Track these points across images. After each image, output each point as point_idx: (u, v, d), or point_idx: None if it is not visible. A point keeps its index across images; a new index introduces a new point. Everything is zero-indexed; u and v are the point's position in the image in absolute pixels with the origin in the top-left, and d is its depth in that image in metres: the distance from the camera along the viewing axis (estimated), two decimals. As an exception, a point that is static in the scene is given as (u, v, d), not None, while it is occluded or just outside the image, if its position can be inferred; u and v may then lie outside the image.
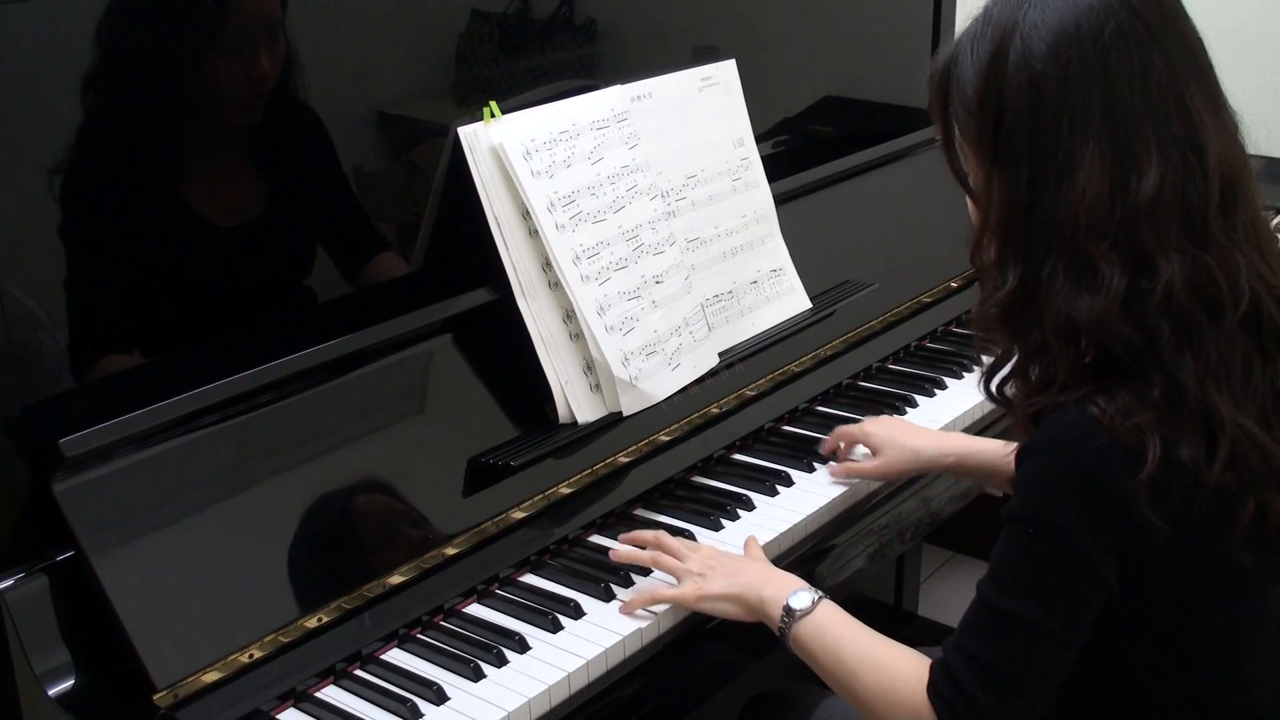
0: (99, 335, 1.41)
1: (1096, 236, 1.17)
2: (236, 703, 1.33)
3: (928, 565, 3.06)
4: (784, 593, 1.41)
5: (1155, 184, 1.16)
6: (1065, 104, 1.17)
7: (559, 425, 1.66)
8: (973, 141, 1.25)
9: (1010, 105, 1.20)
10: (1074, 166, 1.17)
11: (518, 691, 1.37)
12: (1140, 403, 1.16)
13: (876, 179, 2.30)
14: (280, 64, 1.51)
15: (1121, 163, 1.17)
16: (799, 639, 1.38)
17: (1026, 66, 1.18)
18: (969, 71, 1.23)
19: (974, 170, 1.27)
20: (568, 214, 1.68)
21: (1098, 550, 1.18)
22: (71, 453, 1.31)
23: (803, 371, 1.99)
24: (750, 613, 1.45)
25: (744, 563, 1.52)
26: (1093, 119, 1.17)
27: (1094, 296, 1.17)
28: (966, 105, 1.24)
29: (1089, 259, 1.17)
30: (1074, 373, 1.20)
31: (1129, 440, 1.15)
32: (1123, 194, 1.16)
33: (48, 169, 1.34)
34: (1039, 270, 1.20)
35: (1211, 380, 1.16)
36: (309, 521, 1.46)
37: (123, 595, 1.30)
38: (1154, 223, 1.16)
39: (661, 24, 2.00)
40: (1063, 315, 1.18)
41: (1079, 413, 1.18)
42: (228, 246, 1.54)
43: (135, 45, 1.40)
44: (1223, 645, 1.27)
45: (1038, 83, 1.18)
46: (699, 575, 1.48)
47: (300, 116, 1.57)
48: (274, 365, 1.47)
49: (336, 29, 1.58)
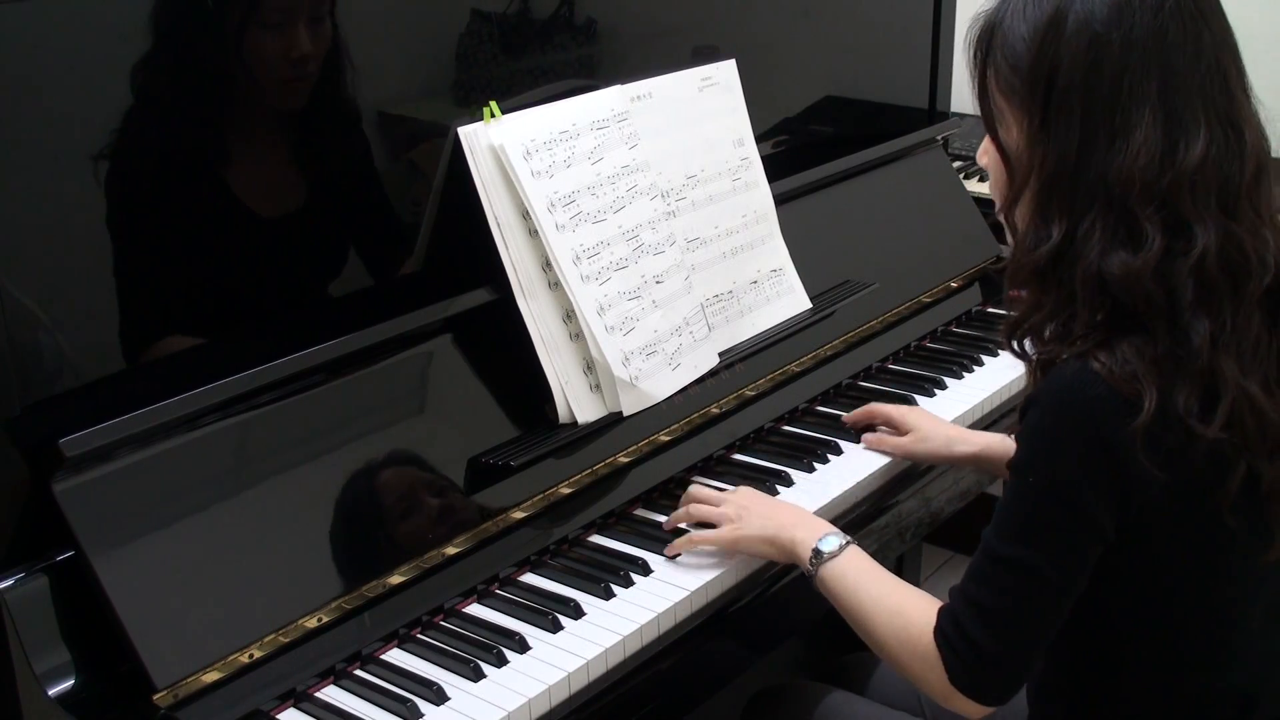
0: (105, 332, 1.41)
1: (1144, 198, 1.20)
2: (236, 703, 1.33)
3: (928, 565, 3.06)
4: (814, 536, 1.47)
5: (1201, 153, 1.20)
6: (1126, 68, 1.21)
7: (559, 425, 1.66)
8: (1019, 96, 1.27)
9: (1066, 64, 1.22)
10: (1130, 128, 1.21)
11: (518, 691, 1.37)
12: (1140, 357, 1.20)
13: (876, 179, 2.30)
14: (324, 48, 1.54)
15: (1173, 129, 1.21)
16: (824, 580, 1.45)
17: (1088, 28, 1.21)
18: (1021, 28, 1.25)
19: (1012, 125, 1.29)
20: (568, 214, 1.68)
21: (1095, 499, 1.21)
22: (71, 453, 1.31)
23: (803, 371, 1.99)
24: (782, 554, 1.52)
25: (778, 506, 1.59)
26: (1150, 85, 1.21)
27: (1130, 254, 1.20)
28: (1015, 61, 1.26)
29: (1133, 218, 1.21)
30: (1087, 327, 1.24)
31: (1126, 390, 1.19)
32: (1171, 160, 1.20)
33: (48, 169, 1.34)
34: (1077, 226, 1.24)
35: (1223, 345, 1.20)
36: (309, 521, 1.46)
37: (123, 595, 1.30)
38: (1194, 191, 1.21)
39: (661, 24, 2.00)
40: (1094, 270, 1.22)
41: (1079, 366, 1.22)
42: (267, 239, 1.57)
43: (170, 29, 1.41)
44: (1209, 613, 1.30)
45: (1099, 45, 1.21)
46: (734, 519, 1.55)
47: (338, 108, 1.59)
48: (274, 365, 1.47)
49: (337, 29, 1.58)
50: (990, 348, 2.17)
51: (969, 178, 2.82)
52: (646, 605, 1.51)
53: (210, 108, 1.50)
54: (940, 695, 1.31)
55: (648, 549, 1.61)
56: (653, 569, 1.57)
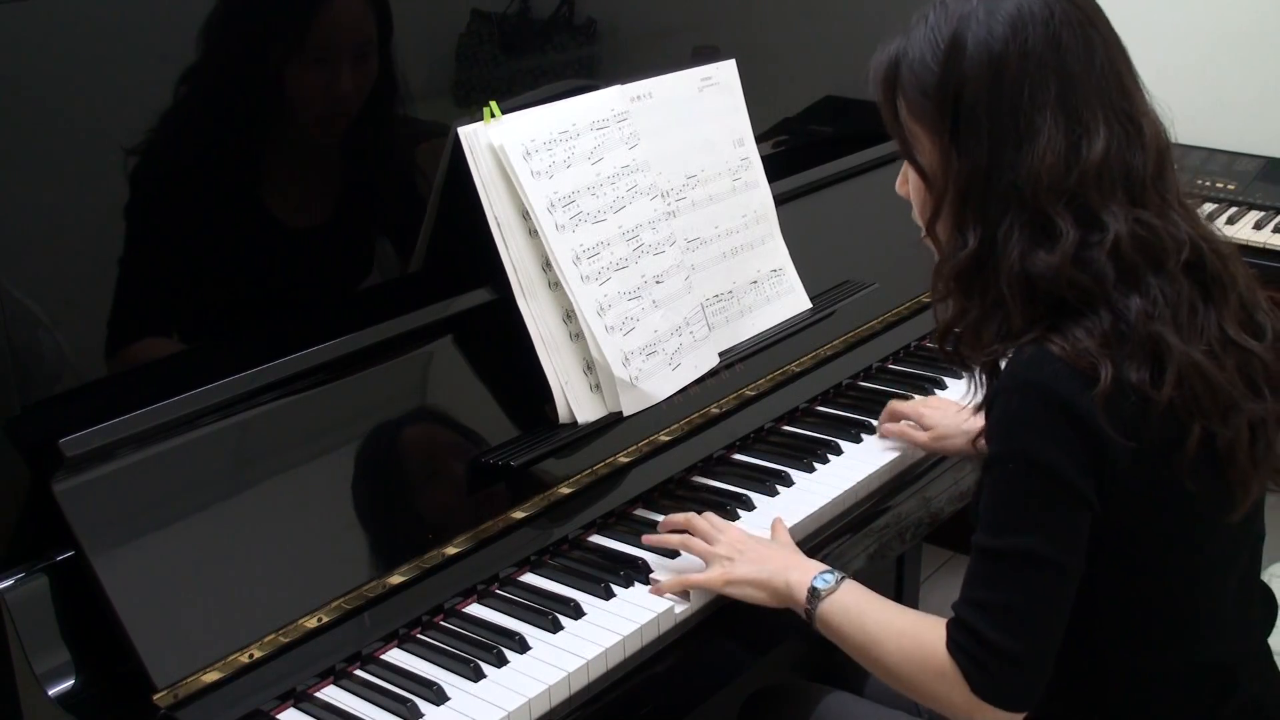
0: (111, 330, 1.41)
1: (1053, 196, 1.27)
2: (236, 703, 1.33)
3: (928, 565, 3.05)
4: (808, 577, 1.45)
5: (1103, 149, 1.28)
6: (1025, 78, 1.28)
7: (559, 425, 1.66)
8: (929, 119, 1.34)
9: (971, 82, 1.30)
10: (1034, 133, 1.28)
11: (518, 691, 1.37)
12: (1089, 335, 1.26)
13: (877, 179, 2.30)
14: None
15: (1074, 129, 1.28)
16: (825, 618, 1.43)
17: (987, 46, 1.29)
18: (925, 55, 1.33)
19: (927, 147, 1.36)
20: (568, 214, 1.68)
21: (1074, 470, 1.25)
22: (71, 453, 1.31)
23: (803, 371, 1.99)
24: (776, 598, 1.48)
25: (771, 548, 1.55)
26: (1049, 91, 1.28)
27: (1049, 250, 1.27)
28: (923, 86, 1.33)
29: (1046, 217, 1.28)
30: (1027, 321, 1.29)
31: (1082, 364, 1.24)
32: (1075, 158, 1.28)
33: (47, 169, 1.34)
34: (996, 231, 1.30)
35: (1158, 317, 1.26)
36: (309, 521, 1.46)
37: (123, 595, 1.30)
38: (1100, 185, 1.28)
39: (661, 24, 2.00)
40: (1018, 270, 1.28)
41: (1035, 349, 1.27)
42: (267, 240, 1.57)
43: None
44: (1182, 585, 1.33)
45: (998, 60, 1.29)
46: (727, 559, 1.52)
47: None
48: (274, 365, 1.47)
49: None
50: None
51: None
52: (646, 605, 1.51)
53: (210, 107, 1.50)
54: (965, 711, 1.30)
55: (648, 549, 1.61)
56: (653, 569, 1.57)
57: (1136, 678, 1.35)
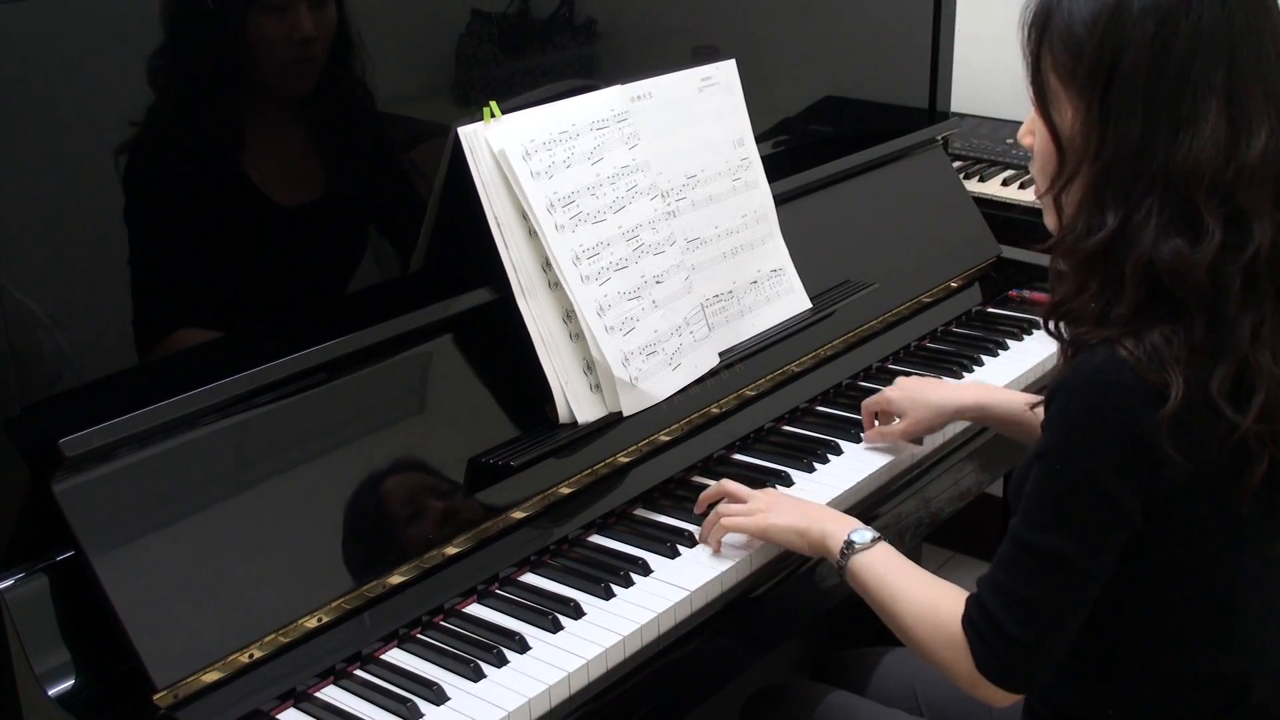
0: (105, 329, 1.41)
1: (1207, 189, 1.19)
2: (236, 703, 1.33)
3: (928, 565, 3.02)
4: (845, 529, 1.49)
5: (1263, 147, 1.20)
6: (1194, 57, 1.19)
7: (559, 425, 1.66)
8: (1077, 82, 1.24)
9: (1130, 51, 1.20)
10: (1197, 117, 1.19)
11: (518, 691, 1.37)
12: (1168, 345, 1.20)
13: (876, 179, 2.30)
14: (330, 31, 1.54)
15: (1238, 121, 1.20)
16: (855, 570, 1.46)
17: (1154, 13, 1.19)
18: (1082, 11, 1.23)
19: (1067, 110, 1.26)
20: (567, 214, 1.68)
21: (1121, 485, 1.22)
22: (71, 453, 1.31)
23: (803, 371, 1.99)
24: (811, 546, 1.53)
25: (808, 503, 1.61)
26: (1217, 75, 1.19)
27: (1187, 244, 1.19)
28: (1074, 46, 1.23)
29: (1194, 210, 1.20)
30: (1131, 311, 1.22)
31: (1153, 378, 1.19)
32: (1234, 152, 1.20)
33: (47, 168, 1.34)
34: (1134, 213, 1.22)
35: (1263, 341, 1.21)
36: (308, 521, 1.46)
37: (123, 595, 1.30)
38: (1253, 185, 1.20)
39: (661, 24, 2.00)
40: (1146, 258, 1.21)
41: (1107, 353, 1.21)
42: (267, 240, 1.56)
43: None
44: (1211, 600, 1.31)
45: (1166, 32, 1.19)
46: (764, 510, 1.57)
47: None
48: (273, 365, 1.47)
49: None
50: (990, 347, 2.17)
51: (969, 178, 2.82)
52: (646, 605, 1.51)
53: (210, 107, 1.50)
54: (967, 683, 1.32)
55: (648, 549, 1.61)
56: (653, 569, 1.57)
57: (1151, 678, 1.34)
